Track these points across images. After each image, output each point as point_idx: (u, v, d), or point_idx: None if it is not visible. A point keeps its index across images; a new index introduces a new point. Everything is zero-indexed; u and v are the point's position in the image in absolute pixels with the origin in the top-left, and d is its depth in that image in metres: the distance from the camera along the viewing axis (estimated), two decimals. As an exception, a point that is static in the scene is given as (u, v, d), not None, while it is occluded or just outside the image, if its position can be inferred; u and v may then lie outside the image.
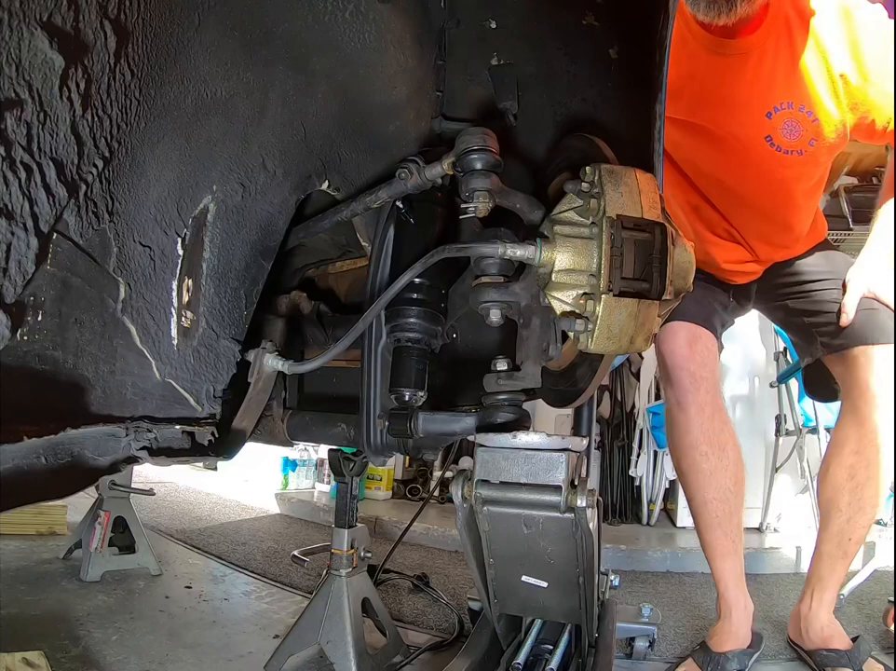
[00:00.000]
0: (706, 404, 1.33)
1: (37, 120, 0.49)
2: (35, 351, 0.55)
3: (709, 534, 1.37)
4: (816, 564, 1.38)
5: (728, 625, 1.36)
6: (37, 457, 0.58)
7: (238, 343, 0.85)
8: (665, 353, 1.37)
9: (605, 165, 0.66)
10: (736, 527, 1.37)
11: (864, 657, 1.29)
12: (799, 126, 1.27)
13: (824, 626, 1.35)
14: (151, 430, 0.72)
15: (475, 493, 0.71)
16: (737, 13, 1.14)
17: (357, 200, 0.91)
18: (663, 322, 1.48)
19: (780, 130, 1.28)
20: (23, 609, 1.41)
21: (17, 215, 0.49)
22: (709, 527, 1.37)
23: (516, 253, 0.68)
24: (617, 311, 0.60)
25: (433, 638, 1.50)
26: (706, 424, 1.33)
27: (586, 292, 0.64)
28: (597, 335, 0.61)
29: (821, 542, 1.36)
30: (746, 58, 1.25)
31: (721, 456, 1.34)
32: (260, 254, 0.86)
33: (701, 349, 1.36)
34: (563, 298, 0.66)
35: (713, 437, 1.34)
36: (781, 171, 1.33)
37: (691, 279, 0.67)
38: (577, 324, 0.63)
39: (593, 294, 0.63)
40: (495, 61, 0.98)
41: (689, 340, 1.35)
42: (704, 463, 1.34)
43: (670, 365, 1.36)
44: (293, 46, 0.81)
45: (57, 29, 0.50)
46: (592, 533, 0.70)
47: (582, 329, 0.63)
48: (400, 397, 0.89)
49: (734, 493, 1.35)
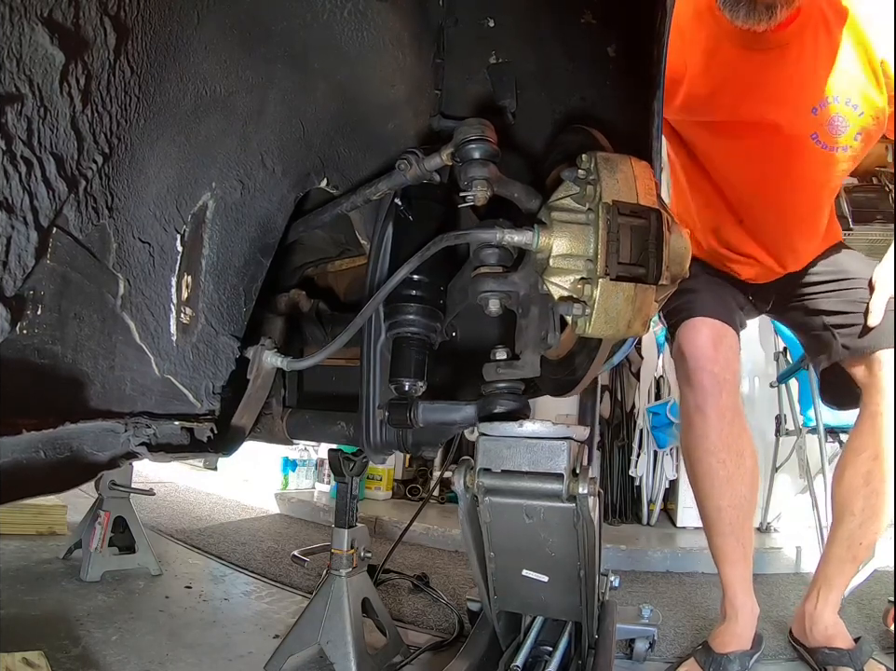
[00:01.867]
0: (727, 409, 1.28)
1: (38, 115, 0.50)
2: (35, 345, 0.56)
3: (721, 540, 1.34)
4: (824, 565, 1.37)
5: (734, 628, 1.35)
6: (36, 451, 0.58)
7: (238, 339, 0.85)
8: (688, 354, 1.30)
9: (601, 153, 0.66)
10: (748, 532, 1.34)
11: (866, 658, 1.29)
12: (846, 121, 1.22)
13: (828, 626, 1.34)
14: (150, 425, 0.72)
15: (477, 482, 0.71)
16: (777, 18, 1.11)
17: (357, 192, 0.91)
18: (676, 319, 1.41)
19: (827, 126, 1.22)
20: (23, 609, 1.41)
21: (17, 209, 0.49)
22: (721, 534, 1.33)
23: (514, 238, 0.69)
24: (615, 295, 0.61)
25: (433, 638, 1.50)
26: (726, 430, 1.28)
27: (583, 276, 0.65)
28: (595, 318, 0.62)
29: (832, 544, 1.35)
30: (786, 51, 1.20)
31: (739, 463, 1.30)
32: (259, 251, 0.86)
33: (726, 349, 1.29)
34: (560, 283, 0.66)
35: (732, 443, 1.29)
36: (827, 169, 1.28)
37: (687, 264, 0.68)
38: (575, 308, 0.64)
39: (590, 278, 0.63)
40: (494, 59, 0.99)
41: (714, 340, 1.29)
42: (721, 471, 1.29)
43: (692, 367, 1.29)
44: (292, 44, 0.81)
45: (57, 25, 0.50)
46: (594, 522, 0.70)
47: (580, 313, 0.63)
48: (399, 387, 0.89)
49: (748, 500, 1.32)
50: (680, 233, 0.66)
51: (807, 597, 1.40)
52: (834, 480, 1.36)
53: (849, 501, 1.29)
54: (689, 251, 0.68)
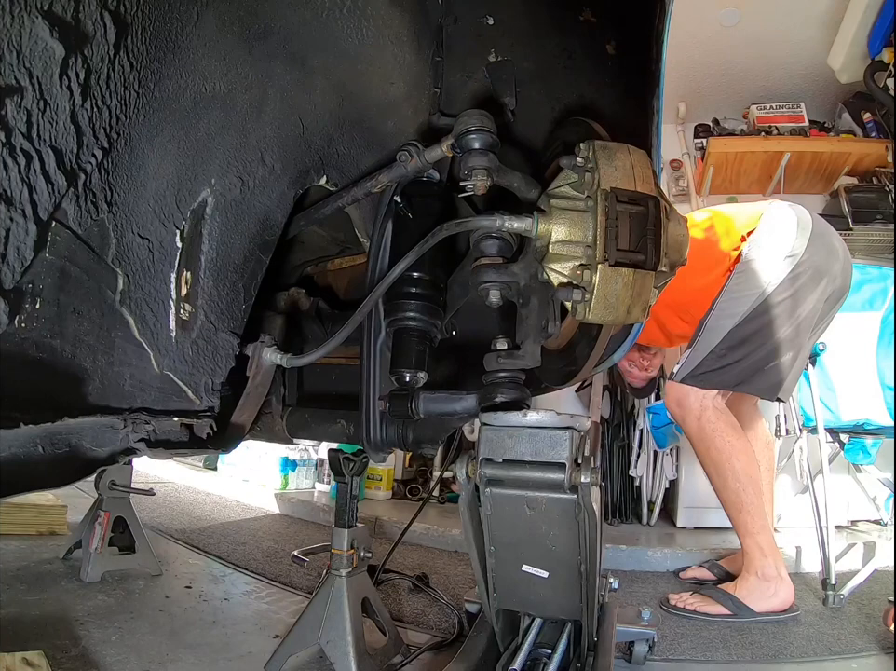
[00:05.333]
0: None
1: (37, 108, 0.50)
2: (33, 339, 0.55)
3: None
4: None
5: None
6: (35, 446, 0.58)
7: (237, 336, 0.85)
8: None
9: (599, 141, 0.67)
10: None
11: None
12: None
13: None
14: (149, 422, 0.72)
15: (479, 472, 0.71)
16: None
17: (357, 185, 0.91)
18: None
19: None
20: (23, 609, 1.41)
21: (16, 201, 0.49)
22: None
23: (514, 225, 0.69)
24: (613, 281, 0.61)
25: (433, 638, 1.49)
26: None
27: (582, 263, 0.65)
28: (594, 304, 0.62)
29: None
30: None
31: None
32: (258, 248, 0.86)
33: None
34: (560, 270, 0.67)
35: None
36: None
37: (685, 252, 0.68)
38: (575, 294, 0.64)
39: (589, 264, 0.64)
40: (493, 57, 0.99)
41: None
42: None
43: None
44: (292, 41, 0.81)
45: (58, 18, 0.50)
46: (595, 513, 0.70)
47: (580, 299, 0.64)
48: (400, 378, 0.89)
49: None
50: (678, 220, 0.67)
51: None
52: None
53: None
54: (687, 238, 0.68)
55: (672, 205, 0.67)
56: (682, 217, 0.69)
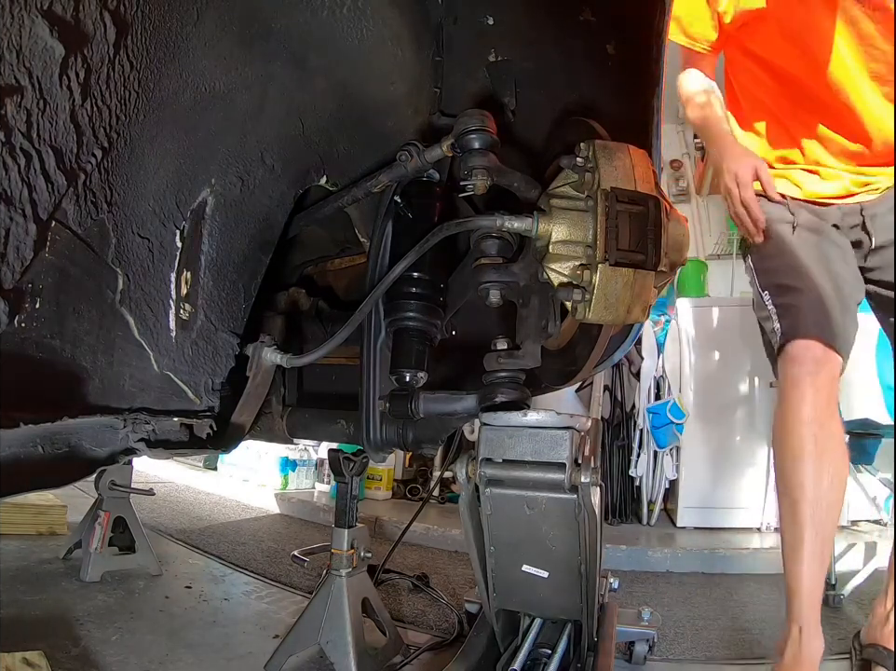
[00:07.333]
0: (823, 386, 1.20)
1: (37, 107, 0.50)
2: (33, 339, 0.55)
3: (796, 530, 1.21)
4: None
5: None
6: (34, 445, 0.58)
7: (237, 336, 0.85)
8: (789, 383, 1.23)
9: (599, 141, 0.67)
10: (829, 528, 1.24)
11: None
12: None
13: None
14: (149, 422, 0.72)
15: (479, 472, 0.71)
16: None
17: (357, 185, 0.91)
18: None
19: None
20: (23, 609, 1.41)
21: (16, 201, 0.49)
22: (798, 524, 1.21)
23: (514, 224, 0.69)
24: (614, 280, 0.61)
25: (433, 638, 1.49)
26: (822, 403, 1.20)
27: (582, 262, 0.65)
28: (594, 304, 0.62)
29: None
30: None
31: (829, 442, 1.21)
32: (258, 248, 0.86)
33: (826, 381, 1.22)
34: (560, 270, 0.67)
35: (826, 421, 1.20)
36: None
37: (686, 252, 0.68)
38: (575, 294, 0.64)
39: (590, 264, 0.64)
40: (493, 57, 0.99)
41: (813, 372, 1.21)
42: (810, 444, 1.20)
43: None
44: (292, 41, 0.81)
45: (57, 17, 0.50)
46: (595, 513, 0.70)
47: (580, 299, 0.64)
48: (400, 378, 0.89)
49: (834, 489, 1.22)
50: (678, 220, 0.67)
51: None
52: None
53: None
54: (688, 238, 0.69)
55: (672, 205, 0.67)
56: (682, 217, 0.69)
